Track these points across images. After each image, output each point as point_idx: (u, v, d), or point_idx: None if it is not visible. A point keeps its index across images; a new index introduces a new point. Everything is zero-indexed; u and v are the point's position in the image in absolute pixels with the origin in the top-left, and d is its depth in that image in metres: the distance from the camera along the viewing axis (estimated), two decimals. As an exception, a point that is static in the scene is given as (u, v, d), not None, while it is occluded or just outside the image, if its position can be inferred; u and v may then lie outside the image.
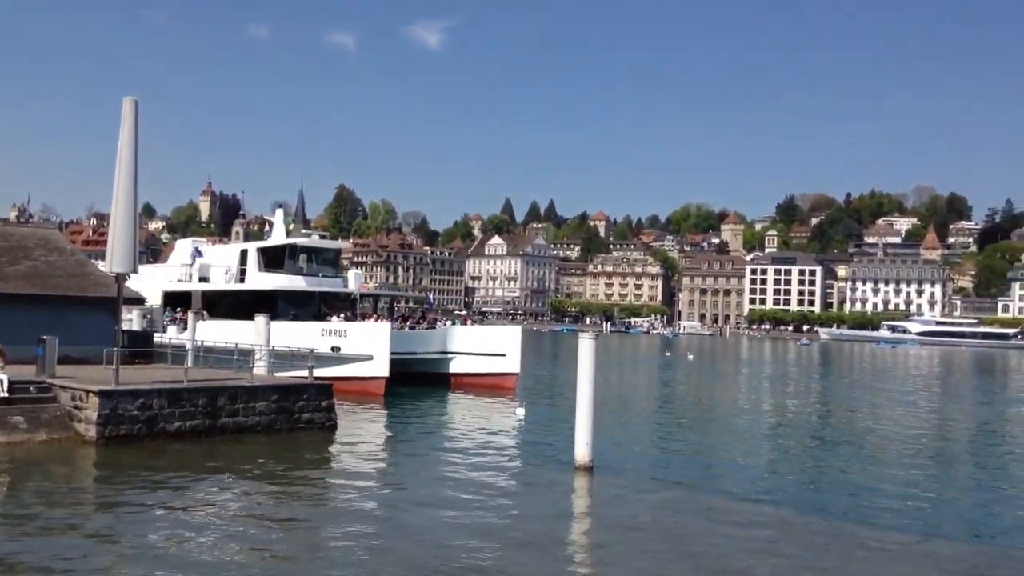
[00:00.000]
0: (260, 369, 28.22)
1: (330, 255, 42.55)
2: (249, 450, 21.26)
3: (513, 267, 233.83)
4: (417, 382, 36.84)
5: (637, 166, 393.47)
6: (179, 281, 42.16)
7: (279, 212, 44.04)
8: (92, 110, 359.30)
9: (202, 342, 31.57)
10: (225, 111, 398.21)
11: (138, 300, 32.94)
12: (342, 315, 37.96)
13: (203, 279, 41.09)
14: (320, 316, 37.82)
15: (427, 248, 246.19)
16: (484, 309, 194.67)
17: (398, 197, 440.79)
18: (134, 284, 42.71)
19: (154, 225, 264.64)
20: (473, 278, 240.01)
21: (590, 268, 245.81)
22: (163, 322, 38.32)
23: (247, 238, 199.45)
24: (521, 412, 28.31)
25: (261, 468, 19.40)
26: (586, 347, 20.04)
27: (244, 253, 41.00)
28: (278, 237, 41.78)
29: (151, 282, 42.59)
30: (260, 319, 31.73)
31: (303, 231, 47.83)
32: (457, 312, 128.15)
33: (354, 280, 43.91)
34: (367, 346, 34.11)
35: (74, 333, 25.35)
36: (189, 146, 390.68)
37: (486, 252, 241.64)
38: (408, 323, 42.56)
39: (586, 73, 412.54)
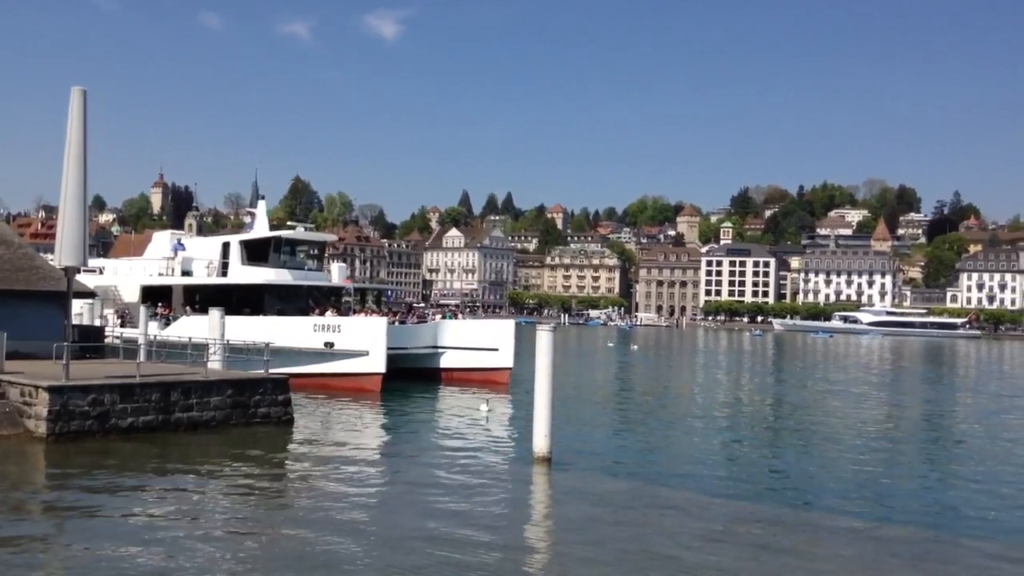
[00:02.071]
0: (215, 364, 27.79)
1: (315, 248, 41.35)
2: (204, 446, 20.98)
3: (471, 259, 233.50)
4: (407, 377, 35.88)
5: (594, 159, 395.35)
6: (159, 275, 40.43)
7: (261, 204, 42.40)
8: (41, 100, 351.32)
9: (191, 339, 30.20)
10: (177, 101, 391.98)
11: (88, 294, 32.25)
12: (330, 310, 36.83)
13: (186, 273, 39.60)
14: (307, 311, 36.85)
15: (384, 241, 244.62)
16: (442, 302, 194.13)
17: (354, 189, 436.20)
18: (108, 279, 41.75)
19: (104, 217, 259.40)
20: (431, 271, 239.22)
21: (548, 260, 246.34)
22: (143, 317, 37.17)
23: (200, 231, 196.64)
24: (485, 407, 28.23)
25: (215, 464, 19.15)
26: (544, 339, 20.08)
27: (226, 246, 39.41)
28: (261, 229, 40.23)
29: (128, 276, 41.52)
30: (214, 313, 31.27)
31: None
32: (450, 308, 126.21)
33: (338, 273, 42.78)
34: (362, 342, 33.30)
35: (23, 328, 24.82)
36: (141, 137, 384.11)
37: (444, 245, 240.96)
38: (397, 317, 41.57)
39: (542, 65, 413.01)
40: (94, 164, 24.33)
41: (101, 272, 43.21)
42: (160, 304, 38.58)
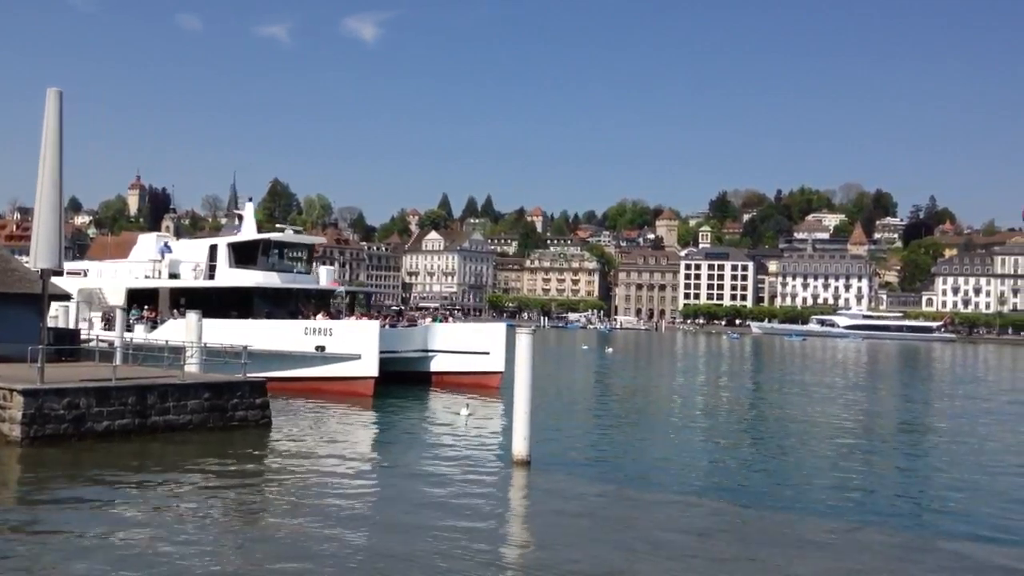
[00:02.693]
0: (192, 367, 27.61)
1: (303, 250, 40.86)
2: (180, 449, 20.84)
3: (450, 262, 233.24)
4: (397, 382, 35.31)
5: (573, 162, 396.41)
6: (146, 278, 39.76)
7: (248, 206, 41.70)
8: (16, 101, 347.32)
9: (167, 342, 29.66)
10: (155, 103, 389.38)
11: (64, 296, 31.93)
12: (318, 314, 36.39)
13: (173, 275, 38.96)
14: (296, 314, 36.48)
15: (363, 244, 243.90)
16: (421, 305, 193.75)
17: (334, 192, 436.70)
18: (92, 281, 41.17)
19: (80, 219, 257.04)
20: (410, 273, 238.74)
21: (527, 263, 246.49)
22: (129, 320, 36.33)
23: (178, 233, 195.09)
24: (465, 411, 28.19)
25: (192, 467, 19.02)
26: (523, 342, 20.12)
27: (213, 248, 38.78)
28: (249, 232, 39.61)
29: (113, 279, 40.87)
30: (191, 316, 31.06)
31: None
32: (443, 311, 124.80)
33: (325, 276, 42.13)
34: (355, 345, 32.94)
35: (-4, 331, 24.53)
36: (117, 138, 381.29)
37: (423, 247, 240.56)
38: (388, 320, 41.23)
39: (522, 68, 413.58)
40: (70, 165, 24.16)
41: (85, 274, 42.70)
42: (146, 307, 37.99)
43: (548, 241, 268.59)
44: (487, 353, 37.73)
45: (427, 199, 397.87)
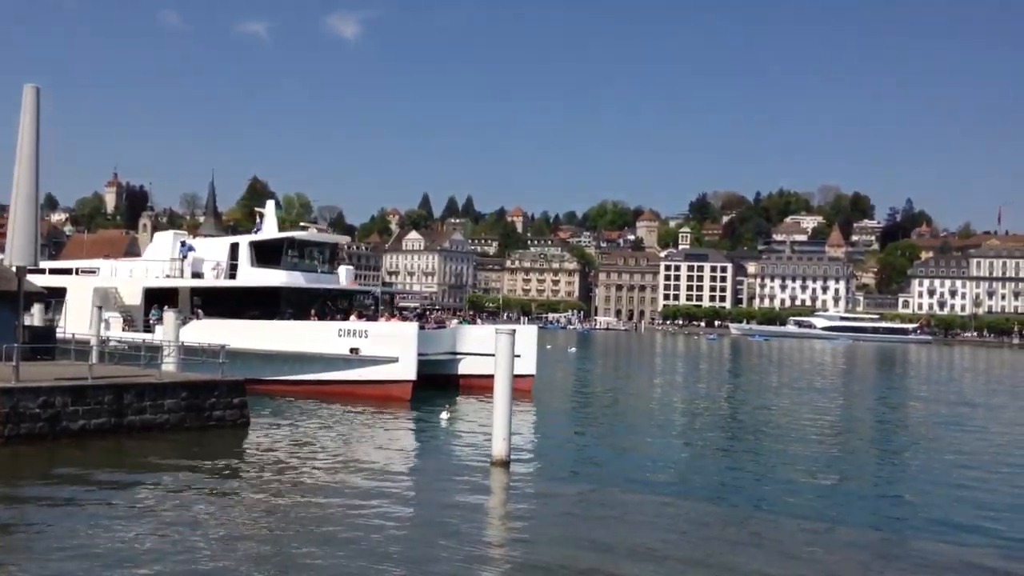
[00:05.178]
0: (170, 366, 27.41)
1: (327, 250, 39.73)
2: (156, 448, 20.67)
3: (431, 262, 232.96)
4: (424, 384, 33.56)
5: (554, 163, 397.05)
6: (166, 277, 38.47)
7: (270, 204, 40.67)
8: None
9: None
10: (133, 99, 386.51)
11: (39, 295, 31.62)
12: (341, 314, 35.81)
13: (196, 275, 37.72)
14: (325, 315, 35.75)
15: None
16: (402, 304, 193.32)
17: (314, 190, 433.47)
18: (106, 280, 40.31)
19: (56, 217, 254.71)
20: (390, 273, 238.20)
21: (508, 264, 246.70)
22: (149, 320, 35.54)
23: (155, 231, 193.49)
24: (445, 414, 28.03)
25: (167, 467, 18.87)
26: (503, 343, 20.15)
27: (234, 247, 37.58)
28: (270, 230, 38.68)
29: (129, 277, 39.93)
30: (169, 315, 30.82)
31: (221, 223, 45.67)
32: (461, 313, 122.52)
33: (345, 276, 41.11)
34: (391, 348, 31.94)
35: (-30, 329, 24.25)
36: (95, 135, 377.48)
37: (403, 247, 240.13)
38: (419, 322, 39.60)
39: (503, 69, 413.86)
40: (46, 162, 23.92)
41: (97, 272, 41.95)
42: (165, 307, 36.07)
43: (529, 241, 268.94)
44: (518, 356, 36.31)
45: (408, 199, 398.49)
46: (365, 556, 12.82)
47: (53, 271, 42.92)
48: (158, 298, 37.19)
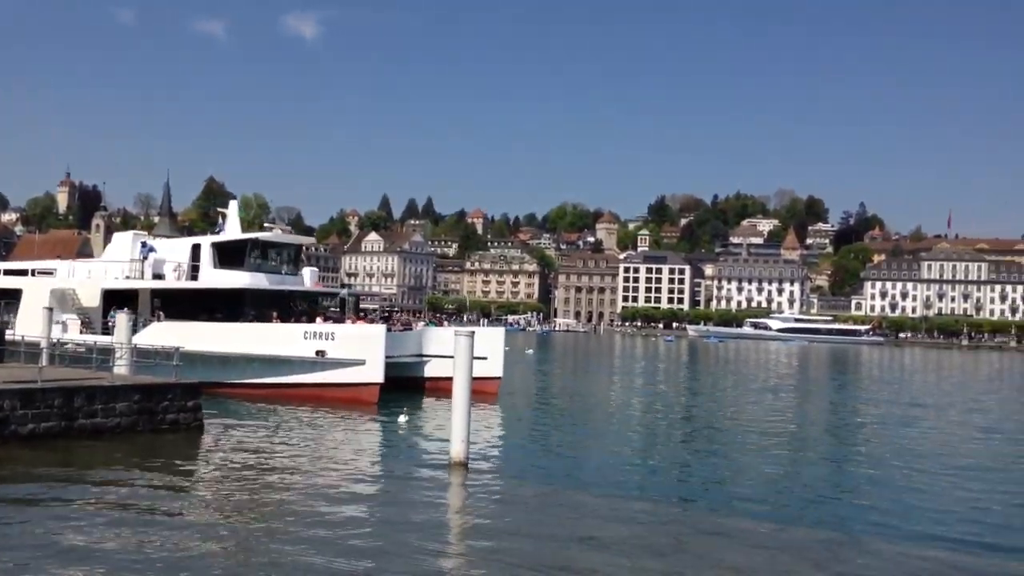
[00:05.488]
0: (122, 369, 26.92)
1: (291, 251, 38.95)
2: (107, 452, 20.29)
3: (390, 264, 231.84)
4: (389, 388, 32.88)
5: (515, 165, 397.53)
6: (126, 278, 37.42)
7: (233, 204, 39.79)
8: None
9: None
10: (87, 98, 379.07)
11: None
12: (305, 317, 35.27)
13: (157, 276, 36.81)
14: (290, 317, 35.11)
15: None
16: (362, 306, 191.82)
17: (271, 191, 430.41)
18: (63, 281, 39.27)
19: (7, 217, 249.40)
20: (349, 275, 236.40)
21: (468, 265, 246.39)
22: (108, 322, 34.35)
23: (108, 231, 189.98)
24: (404, 419, 27.86)
25: (118, 470, 18.55)
26: (462, 344, 20.13)
27: (196, 248, 36.85)
28: (233, 231, 37.93)
29: (87, 279, 38.87)
30: (121, 316, 30.28)
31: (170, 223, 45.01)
32: (435, 316, 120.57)
33: (309, 277, 40.43)
34: (359, 350, 31.55)
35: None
36: (47, 134, 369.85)
37: (363, 249, 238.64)
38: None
39: (463, 70, 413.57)
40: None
41: (54, 273, 40.92)
42: (125, 309, 34.73)
43: (489, 243, 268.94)
44: (484, 358, 34.92)
45: (367, 200, 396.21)
46: (313, 558, 12.70)
47: (8, 272, 41.94)
48: (117, 300, 36.17)
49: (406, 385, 35.31)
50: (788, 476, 21.52)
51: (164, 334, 30.83)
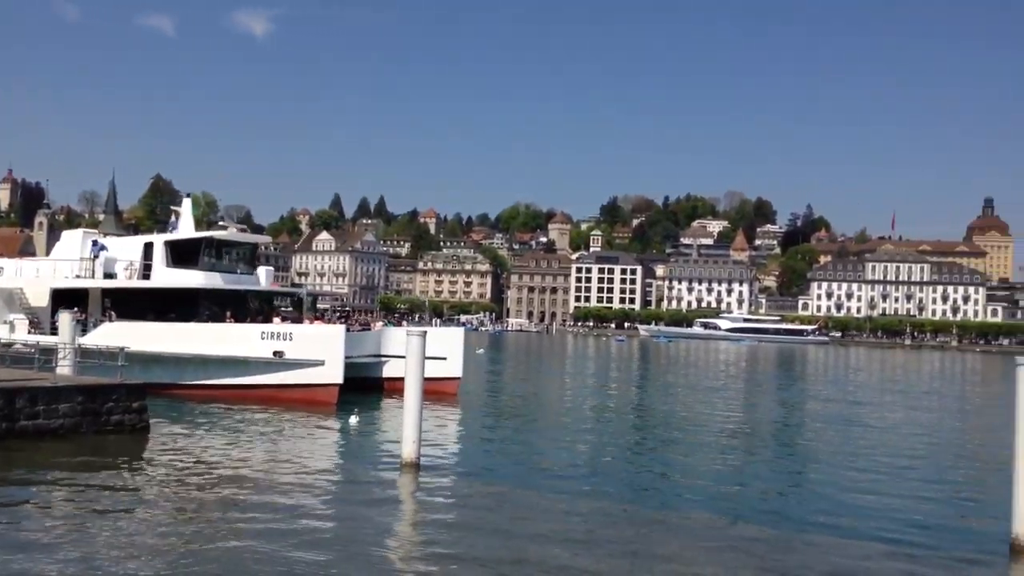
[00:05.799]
0: (65, 369, 26.35)
1: (247, 250, 38.33)
2: (50, 455, 19.86)
3: (342, 263, 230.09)
4: (347, 388, 32.50)
5: (468, 164, 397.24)
6: (76, 277, 36.45)
7: (186, 202, 38.81)
8: None
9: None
10: (29, 94, 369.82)
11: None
12: (261, 317, 34.71)
13: (108, 275, 35.86)
14: (246, 317, 34.39)
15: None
16: (319, 306, 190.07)
17: (220, 190, 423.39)
18: (10, 280, 38.05)
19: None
20: (300, 274, 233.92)
21: (420, 265, 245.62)
22: (56, 323, 33.78)
23: (52, 229, 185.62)
24: (355, 420, 27.67)
25: (61, 473, 18.15)
26: (414, 344, 20.09)
27: (148, 247, 35.90)
28: (186, 230, 37.14)
29: (36, 278, 37.74)
30: (65, 316, 29.60)
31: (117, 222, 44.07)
32: (392, 316, 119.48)
33: (265, 277, 39.59)
34: (317, 350, 31.10)
35: None
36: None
37: (314, 248, 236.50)
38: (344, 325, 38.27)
39: (415, 68, 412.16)
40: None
41: (0, 272, 39.78)
42: (75, 309, 33.80)
43: (441, 243, 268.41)
44: (444, 359, 35.33)
45: (318, 199, 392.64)
46: (260, 558, 12.60)
47: None
48: (67, 299, 35.18)
49: (365, 386, 35.03)
50: (735, 474, 21.86)
51: (116, 335, 30.15)
